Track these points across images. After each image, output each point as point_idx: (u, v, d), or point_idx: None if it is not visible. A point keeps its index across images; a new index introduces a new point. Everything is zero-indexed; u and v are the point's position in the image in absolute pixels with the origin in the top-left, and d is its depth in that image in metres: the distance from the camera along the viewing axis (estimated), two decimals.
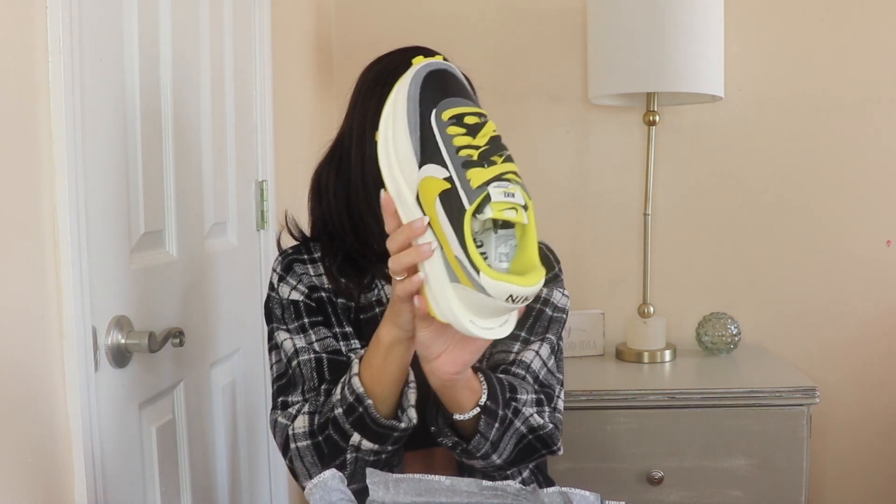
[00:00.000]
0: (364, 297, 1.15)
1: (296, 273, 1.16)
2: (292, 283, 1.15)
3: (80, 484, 1.05)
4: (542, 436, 1.05)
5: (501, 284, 0.76)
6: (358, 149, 1.10)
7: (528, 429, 1.04)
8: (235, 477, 1.60)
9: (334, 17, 2.22)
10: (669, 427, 1.82)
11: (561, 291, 1.21)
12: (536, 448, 1.06)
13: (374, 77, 1.12)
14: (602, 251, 2.22)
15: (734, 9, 2.08)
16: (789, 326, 2.21)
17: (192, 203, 1.39)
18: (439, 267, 0.81)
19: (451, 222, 0.78)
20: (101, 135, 1.12)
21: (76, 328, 1.04)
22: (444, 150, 0.81)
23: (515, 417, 1.02)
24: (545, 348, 1.14)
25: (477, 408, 0.98)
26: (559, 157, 2.22)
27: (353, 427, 0.98)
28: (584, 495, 0.82)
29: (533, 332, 1.15)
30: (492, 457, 1.02)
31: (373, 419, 0.97)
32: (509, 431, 1.02)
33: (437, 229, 0.81)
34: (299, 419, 1.05)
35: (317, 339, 1.12)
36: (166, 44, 1.30)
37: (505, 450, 1.03)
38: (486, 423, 0.99)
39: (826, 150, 2.17)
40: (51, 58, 1.00)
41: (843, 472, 2.23)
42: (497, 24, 2.18)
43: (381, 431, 0.98)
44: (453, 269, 0.79)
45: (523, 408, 1.04)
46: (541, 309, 1.17)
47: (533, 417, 1.04)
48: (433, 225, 0.81)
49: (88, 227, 1.07)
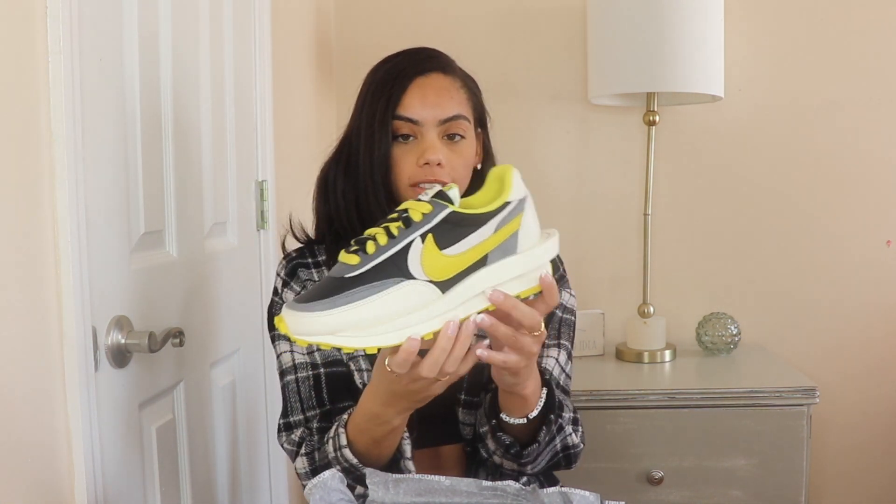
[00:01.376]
0: None
1: (300, 279, 1.16)
2: (296, 290, 1.16)
3: (80, 484, 1.05)
4: (571, 454, 1.09)
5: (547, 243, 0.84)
6: (367, 148, 1.10)
7: (562, 447, 1.07)
8: (235, 477, 1.60)
9: (334, 17, 2.22)
10: (669, 427, 1.81)
11: (568, 292, 1.22)
12: (561, 464, 1.10)
13: (383, 77, 1.12)
14: (602, 251, 2.22)
15: (734, 9, 2.08)
16: (789, 326, 2.21)
17: (192, 203, 1.39)
18: (513, 263, 0.81)
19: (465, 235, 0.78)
20: (101, 135, 1.11)
21: (76, 328, 1.04)
22: (385, 254, 0.77)
23: (558, 434, 1.04)
24: (563, 355, 1.16)
25: (525, 418, 0.99)
26: (559, 157, 2.22)
27: (355, 482, 1.00)
28: (584, 495, 0.82)
29: (549, 336, 1.16)
30: (529, 465, 1.05)
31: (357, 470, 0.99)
32: (550, 446, 1.04)
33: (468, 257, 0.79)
34: (299, 461, 1.07)
35: (318, 352, 1.12)
36: (166, 44, 1.30)
37: (540, 463, 1.06)
38: (546, 433, 1.01)
39: (826, 150, 2.17)
40: (51, 58, 1.00)
41: (843, 472, 2.23)
42: (497, 24, 2.17)
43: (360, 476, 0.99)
44: (504, 239, 0.80)
45: (566, 426, 1.06)
46: (552, 312, 1.17)
47: (571, 437, 1.08)
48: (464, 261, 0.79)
49: (88, 227, 1.07)
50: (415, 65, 1.12)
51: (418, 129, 1.09)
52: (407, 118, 1.09)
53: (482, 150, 1.20)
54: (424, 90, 1.10)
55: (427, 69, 1.12)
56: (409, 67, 1.12)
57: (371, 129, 1.10)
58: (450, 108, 1.10)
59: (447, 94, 1.11)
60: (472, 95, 1.16)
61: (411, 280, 0.76)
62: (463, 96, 1.13)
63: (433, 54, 1.16)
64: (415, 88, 1.10)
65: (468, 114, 1.13)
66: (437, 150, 1.08)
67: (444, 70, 1.13)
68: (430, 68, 1.12)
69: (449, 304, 0.78)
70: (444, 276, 0.77)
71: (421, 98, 1.09)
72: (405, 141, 1.10)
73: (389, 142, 1.09)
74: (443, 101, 1.10)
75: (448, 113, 1.10)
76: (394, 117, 1.09)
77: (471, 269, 0.79)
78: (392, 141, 1.10)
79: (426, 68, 1.12)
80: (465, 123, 1.12)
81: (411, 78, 1.11)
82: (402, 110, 1.09)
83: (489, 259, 0.79)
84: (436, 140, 1.09)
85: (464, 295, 0.79)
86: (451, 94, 1.11)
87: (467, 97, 1.14)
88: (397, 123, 1.09)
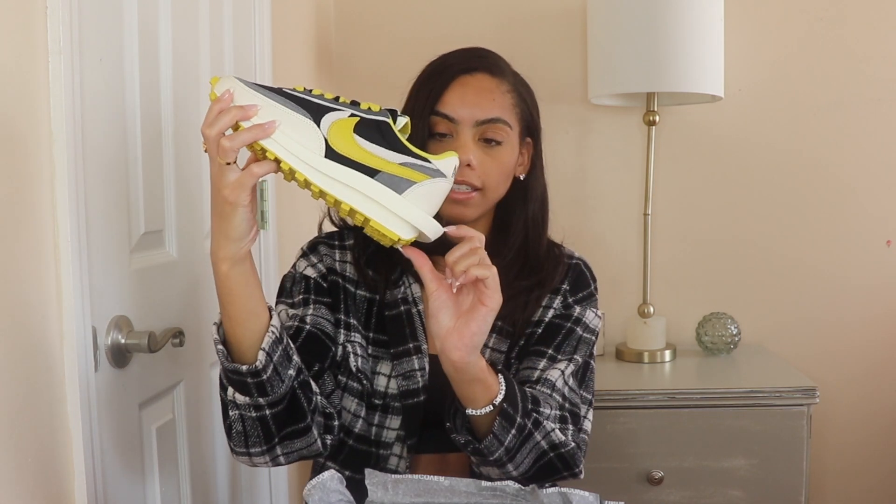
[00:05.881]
0: (389, 293, 1.15)
1: (318, 253, 1.18)
2: (312, 261, 1.17)
3: (80, 484, 1.05)
4: (564, 454, 1.04)
5: (447, 160, 0.91)
6: None
7: (549, 445, 1.02)
8: (235, 477, 1.60)
9: (334, 17, 2.22)
10: (669, 427, 1.82)
11: (594, 312, 1.19)
12: (557, 468, 1.05)
13: (430, 72, 1.13)
14: (602, 251, 2.21)
15: (734, 9, 2.08)
16: (789, 326, 2.21)
17: (192, 203, 1.39)
18: (383, 191, 0.88)
19: (379, 143, 0.88)
20: (101, 135, 1.12)
21: (76, 328, 1.04)
22: (326, 104, 0.89)
23: (536, 430, 1.00)
24: (570, 367, 1.12)
25: (490, 406, 0.96)
26: (559, 157, 2.22)
27: (223, 377, 0.97)
28: (584, 495, 0.82)
29: (560, 350, 1.13)
30: (507, 466, 1.01)
31: (223, 366, 0.95)
32: (528, 443, 1.00)
33: (366, 159, 0.88)
34: None
35: (311, 314, 1.11)
36: (166, 44, 1.30)
37: (522, 463, 1.01)
38: (500, 426, 0.97)
39: (826, 150, 2.17)
40: (51, 58, 1.00)
41: (843, 472, 2.23)
42: (497, 24, 2.17)
43: (235, 378, 0.94)
44: (402, 177, 0.88)
45: (545, 421, 1.02)
46: (571, 328, 1.15)
47: (555, 433, 1.03)
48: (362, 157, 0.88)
49: (88, 227, 1.07)
50: (462, 62, 1.11)
51: (454, 128, 1.08)
52: (444, 115, 1.08)
53: (529, 160, 1.18)
54: (465, 89, 1.09)
55: (473, 68, 1.11)
56: (456, 64, 1.11)
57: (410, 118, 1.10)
58: (489, 110, 1.09)
59: (489, 95, 1.09)
60: (520, 101, 1.14)
61: (312, 124, 0.87)
62: (508, 101, 1.11)
63: (483, 54, 1.14)
64: (457, 86, 1.09)
65: (511, 119, 1.11)
66: (468, 151, 1.07)
67: (490, 71, 1.12)
68: (476, 67, 1.11)
69: (321, 165, 0.87)
70: (336, 147, 0.87)
71: (461, 96, 1.08)
72: (441, 139, 1.09)
73: (426, 137, 1.08)
74: (483, 102, 1.09)
75: (487, 115, 1.08)
76: (432, 112, 1.08)
77: (358, 166, 0.88)
78: (428, 138, 1.09)
79: (472, 67, 1.11)
80: (505, 128, 1.10)
81: (455, 75, 1.10)
82: (440, 106, 1.08)
83: (378, 177, 0.88)
84: (469, 140, 1.08)
85: (335, 173, 0.87)
86: (493, 97, 1.10)
87: (514, 102, 1.12)
88: (435, 119, 1.08)
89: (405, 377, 1.12)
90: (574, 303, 1.18)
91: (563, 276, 1.19)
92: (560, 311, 1.17)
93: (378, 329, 1.15)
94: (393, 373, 1.13)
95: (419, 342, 1.13)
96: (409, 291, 1.15)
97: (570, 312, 1.17)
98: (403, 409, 1.12)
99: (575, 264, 1.22)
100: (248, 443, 0.99)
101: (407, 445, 1.12)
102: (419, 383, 1.12)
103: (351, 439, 1.14)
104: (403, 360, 1.13)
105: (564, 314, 1.17)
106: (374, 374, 1.13)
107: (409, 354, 1.13)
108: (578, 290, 1.19)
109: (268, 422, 0.97)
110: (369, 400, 1.13)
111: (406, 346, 1.13)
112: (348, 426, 1.14)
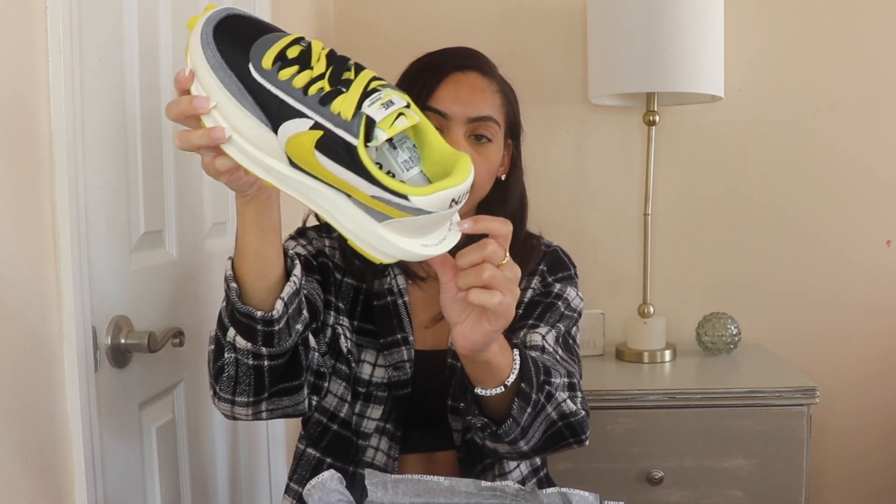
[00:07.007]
0: (377, 282, 1.16)
1: (307, 237, 1.19)
2: (301, 242, 1.17)
3: (80, 484, 1.05)
4: (573, 423, 1.01)
5: (438, 195, 0.70)
6: None
7: (559, 415, 0.99)
8: (235, 477, 1.60)
9: (334, 17, 2.22)
10: (669, 427, 1.82)
11: (576, 291, 1.20)
12: (564, 435, 1.02)
13: (420, 67, 1.13)
14: (602, 251, 2.22)
15: (734, 9, 2.08)
16: (789, 326, 2.21)
17: (192, 203, 1.39)
18: (359, 217, 0.73)
19: (346, 166, 0.69)
20: (101, 135, 1.12)
21: (76, 328, 1.04)
22: (291, 100, 0.71)
23: (548, 402, 0.98)
24: (552, 334, 1.11)
25: (502, 386, 0.92)
26: (559, 157, 2.22)
27: (226, 316, 0.92)
28: (584, 495, 0.82)
29: (543, 319, 1.13)
30: (519, 443, 0.98)
31: (233, 304, 0.90)
32: (540, 416, 0.97)
33: (334, 181, 0.71)
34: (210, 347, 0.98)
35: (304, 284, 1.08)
36: (166, 44, 1.30)
37: (534, 436, 0.99)
38: (519, 408, 0.93)
39: (826, 150, 2.17)
40: (51, 58, 1.00)
41: (843, 472, 2.23)
42: (497, 24, 2.17)
43: (244, 321, 0.90)
44: (376, 209, 0.71)
45: (557, 392, 0.99)
46: (552, 302, 1.16)
47: (566, 403, 1.00)
48: (329, 178, 0.71)
49: (88, 227, 1.07)
50: (454, 60, 1.12)
51: (446, 124, 1.09)
52: (436, 110, 1.08)
53: (509, 161, 1.19)
54: (458, 85, 1.10)
55: (465, 66, 1.12)
56: (449, 62, 1.12)
57: None
58: (481, 108, 1.10)
59: (481, 93, 1.11)
60: (506, 102, 1.15)
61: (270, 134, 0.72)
62: (497, 101, 1.13)
63: (474, 54, 1.16)
64: (449, 83, 1.10)
65: (499, 119, 1.12)
66: (459, 147, 1.07)
67: (482, 70, 1.13)
68: (468, 66, 1.12)
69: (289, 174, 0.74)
70: (299, 163, 0.73)
71: (454, 92, 1.09)
72: None
73: None
74: (475, 100, 1.10)
75: (478, 112, 1.09)
76: (424, 108, 1.08)
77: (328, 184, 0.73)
78: None
79: (465, 65, 1.12)
80: (494, 127, 1.11)
81: (448, 72, 1.11)
82: (433, 102, 1.09)
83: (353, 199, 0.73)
84: (461, 137, 1.09)
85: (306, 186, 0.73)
86: (484, 95, 1.11)
87: (501, 102, 1.14)
88: (426, 115, 1.08)
89: (395, 367, 1.13)
90: (554, 281, 1.19)
91: (539, 260, 1.21)
92: (539, 290, 1.18)
93: (363, 318, 1.15)
94: (380, 362, 1.13)
95: (406, 333, 1.14)
96: (394, 283, 1.16)
97: (549, 290, 1.18)
98: (392, 399, 1.12)
99: (552, 250, 1.24)
100: (235, 390, 0.94)
101: (393, 439, 1.13)
102: (408, 374, 1.13)
103: (336, 424, 1.14)
104: (393, 351, 1.13)
105: (544, 292, 1.18)
106: (360, 361, 1.14)
107: (398, 345, 1.14)
108: (557, 272, 1.21)
109: (263, 373, 0.93)
110: (353, 387, 1.14)
111: (395, 337, 1.14)
112: (334, 410, 1.14)
